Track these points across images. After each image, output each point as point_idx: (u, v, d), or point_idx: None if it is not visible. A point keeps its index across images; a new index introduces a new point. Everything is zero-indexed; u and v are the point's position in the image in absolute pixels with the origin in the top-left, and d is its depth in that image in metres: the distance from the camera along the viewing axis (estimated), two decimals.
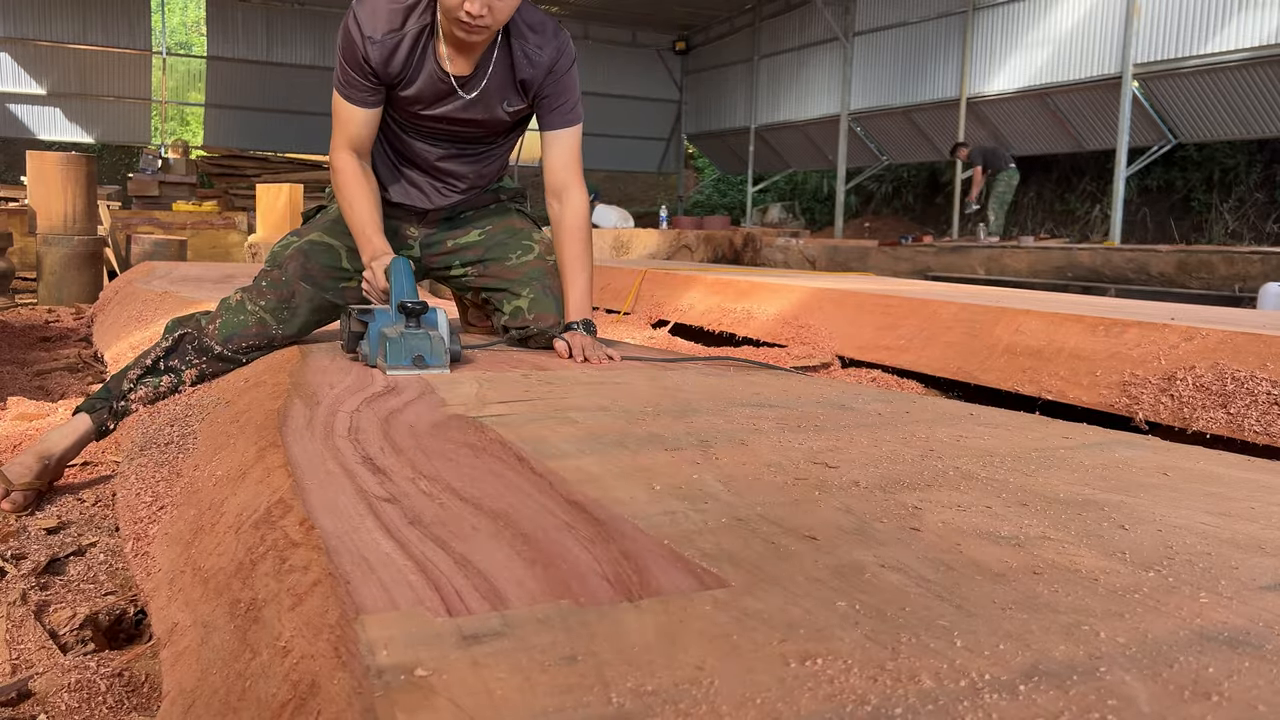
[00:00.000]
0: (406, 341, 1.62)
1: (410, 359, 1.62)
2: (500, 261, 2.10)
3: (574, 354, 1.88)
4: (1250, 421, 2.10)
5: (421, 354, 1.63)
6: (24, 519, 1.62)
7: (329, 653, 0.60)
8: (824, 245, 10.85)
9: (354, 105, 1.89)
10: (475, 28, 1.74)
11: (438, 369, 1.63)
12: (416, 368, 1.62)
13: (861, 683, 0.54)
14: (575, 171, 2.01)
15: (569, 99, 1.97)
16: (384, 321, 1.70)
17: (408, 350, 1.62)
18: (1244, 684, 0.55)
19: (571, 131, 1.99)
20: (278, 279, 1.94)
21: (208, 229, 9.12)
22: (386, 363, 1.62)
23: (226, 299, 1.96)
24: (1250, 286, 6.87)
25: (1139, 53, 10.34)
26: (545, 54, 1.91)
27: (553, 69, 1.92)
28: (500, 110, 1.97)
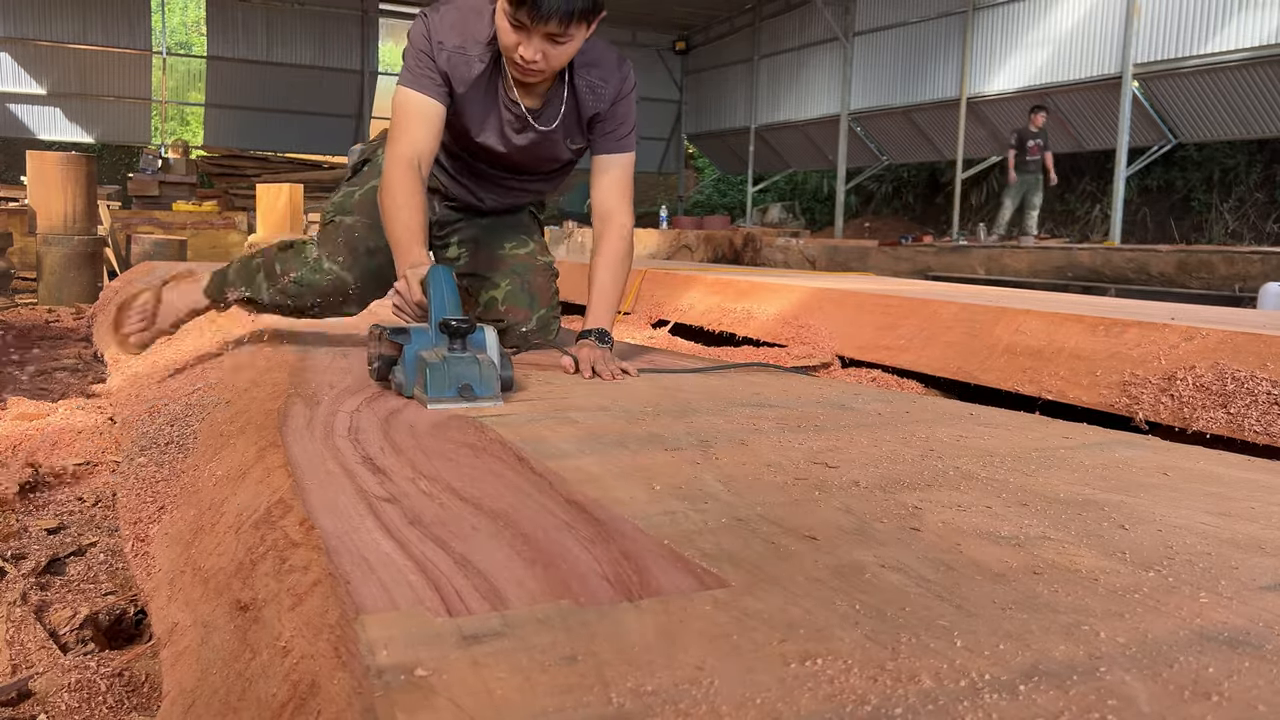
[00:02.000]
0: (451, 368, 1.36)
1: (456, 389, 1.36)
2: (490, 248, 2.08)
3: (580, 369, 1.73)
4: (1250, 421, 2.10)
5: (469, 383, 1.36)
6: (24, 519, 1.63)
7: (329, 653, 0.60)
8: (824, 245, 10.85)
9: (422, 94, 1.77)
10: (530, 71, 1.70)
11: (489, 401, 1.37)
12: (464, 399, 1.36)
13: (861, 683, 0.54)
14: (625, 197, 1.93)
15: (625, 126, 1.91)
16: (422, 343, 1.44)
17: (452, 378, 1.36)
18: (1244, 684, 0.55)
19: (625, 159, 1.93)
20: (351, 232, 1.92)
21: (208, 229, 9.12)
22: (427, 394, 1.35)
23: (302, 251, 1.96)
24: (1250, 286, 6.86)
25: (1139, 53, 10.34)
26: (610, 87, 1.86)
27: (616, 101, 1.88)
28: (564, 147, 1.93)
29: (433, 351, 1.40)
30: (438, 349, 1.41)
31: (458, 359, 1.38)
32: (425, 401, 1.35)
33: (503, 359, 1.47)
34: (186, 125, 17.98)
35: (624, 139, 1.92)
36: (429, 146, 1.78)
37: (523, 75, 1.72)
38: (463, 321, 1.38)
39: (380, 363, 1.50)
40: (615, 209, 1.91)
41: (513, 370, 1.50)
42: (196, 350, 2.26)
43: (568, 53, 1.69)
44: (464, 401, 1.35)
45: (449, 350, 1.39)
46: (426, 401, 1.35)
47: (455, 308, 1.48)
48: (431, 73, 1.76)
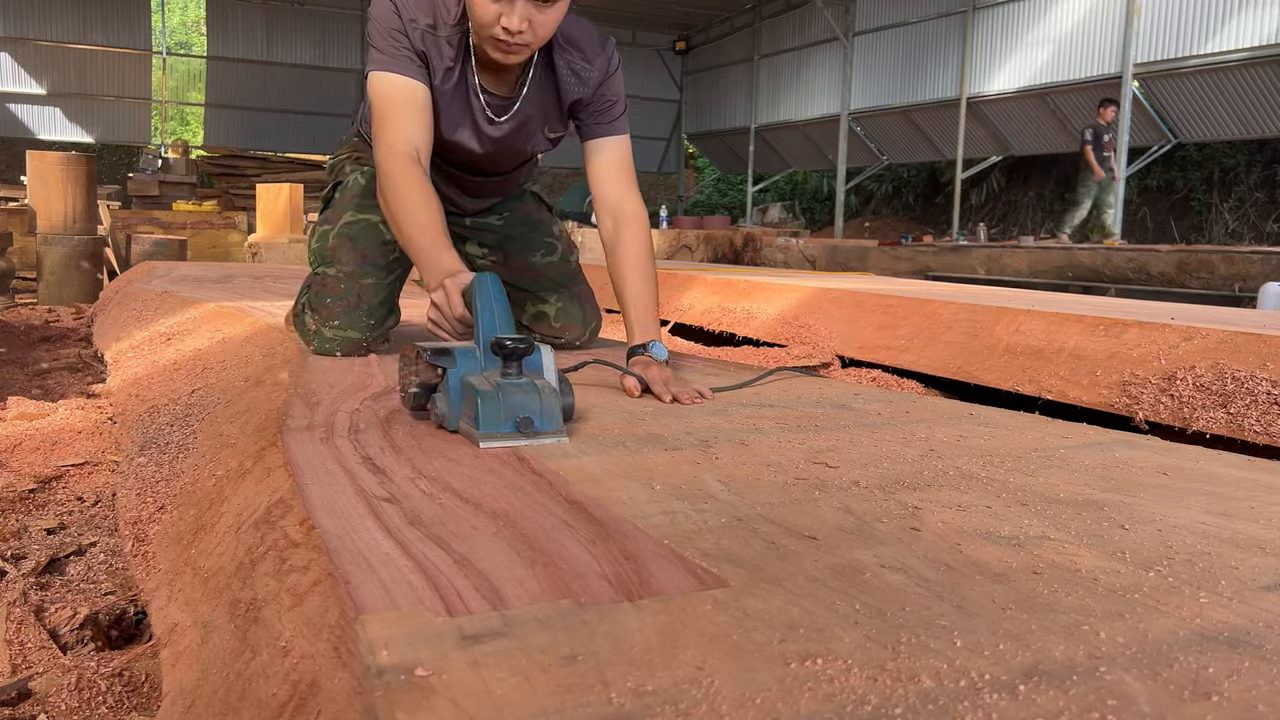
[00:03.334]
0: (506, 398, 1.13)
1: (513, 423, 1.13)
2: (522, 257, 2.00)
3: (655, 392, 1.46)
4: (1250, 421, 2.10)
5: (529, 415, 1.13)
6: (24, 519, 1.63)
7: (329, 653, 0.60)
8: (824, 245, 10.85)
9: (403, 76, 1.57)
10: (513, 46, 1.51)
11: (551, 437, 1.14)
12: (523, 436, 1.12)
13: (861, 683, 0.54)
14: (631, 184, 1.74)
15: (617, 105, 1.74)
16: (468, 366, 1.21)
17: (509, 410, 1.13)
18: (1244, 684, 0.55)
19: (620, 141, 1.75)
20: (336, 286, 1.78)
21: (208, 229, 9.12)
22: (478, 429, 1.12)
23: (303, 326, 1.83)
24: (1250, 286, 6.87)
25: (1139, 53, 10.35)
26: (595, 70, 1.69)
27: (601, 84, 1.71)
28: (541, 137, 1.77)
29: (483, 377, 1.17)
30: (488, 374, 1.18)
31: (514, 386, 1.14)
32: (476, 439, 1.11)
33: (562, 383, 1.24)
34: (186, 125, 17.99)
35: (617, 120, 1.74)
36: (424, 136, 1.59)
37: (505, 54, 1.54)
38: (519, 341, 1.14)
39: (417, 389, 1.25)
40: (623, 197, 1.72)
41: (574, 396, 1.25)
42: (196, 350, 2.26)
43: (554, 20, 1.52)
44: (523, 438, 1.12)
45: (503, 376, 1.15)
46: (478, 439, 1.11)
47: (507, 323, 1.26)
48: (409, 52, 1.58)
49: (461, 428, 1.18)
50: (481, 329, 1.25)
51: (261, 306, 2.68)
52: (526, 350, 1.15)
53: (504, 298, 1.29)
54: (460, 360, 1.21)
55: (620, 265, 1.68)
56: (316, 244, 1.85)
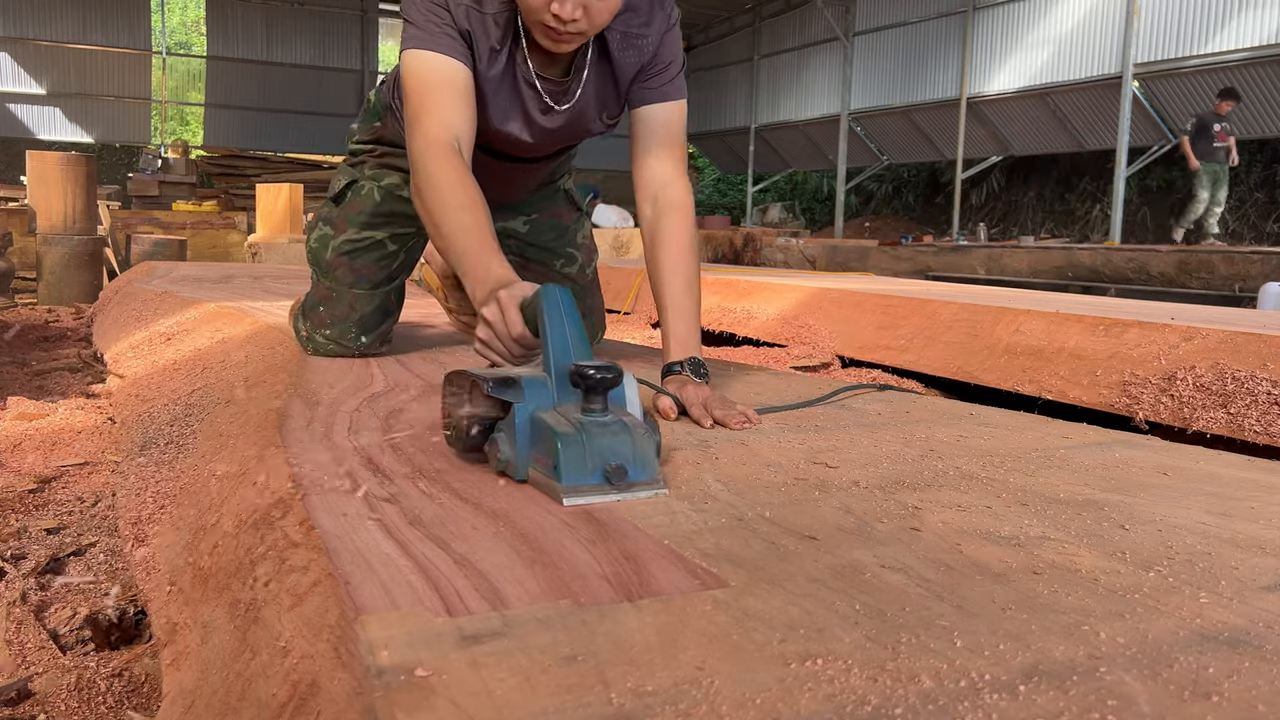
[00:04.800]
0: (593, 441, 0.90)
1: (602, 472, 0.90)
2: (543, 264, 1.93)
3: (694, 417, 1.28)
4: (1250, 421, 2.10)
5: (622, 463, 0.91)
6: (24, 519, 1.63)
7: (329, 653, 0.60)
8: (824, 245, 10.85)
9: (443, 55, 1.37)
10: (565, 34, 1.34)
11: (648, 490, 0.92)
12: (615, 489, 0.90)
13: (861, 683, 0.54)
14: (681, 165, 1.50)
15: (673, 65, 1.48)
16: (539, 399, 0.97)
17: (597, 456, 0.90)
18: (1244, 684, 0.55)
19: (675, 109, 1.49)
20: (329, 296, 1.76)
21: (208, 229, 9.12)
22: (560, 480, 0.89)
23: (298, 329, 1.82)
24: (1250, 286, 6.87)
25: (1139, 53, 10.35)
26: (652, 31, 1.46)
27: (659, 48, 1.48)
28: (598, 122, 1.57)
29: (559, 414, 0.94)
30: (565, 409, 0.95)
31: (600, 426, 0.92)
32: (558, 494, 0.89)
33: (646, 418, 1.01)
34: (186, 125, 18.00)
35: (671, 82, 1.49)
36: (466, 123, 1.37)
37: (555, 41, 1.36)
38: (604, 369, 0.92)
39: (473, 427, 1.00)
40: (668, 180, 1.48)
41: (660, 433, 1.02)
42: (196, 350, 2.26)
43: (611, 7, 1.34)
44: (615, 493, 0.90)
45: (583, 412, 0.93)
46: (559, 493, 0.89)
47: (583, 345, 1.02)
48: (450, 29, 1.38)
49: (533, 478, 0.95)
50: (552, 352, 1.01)
51: (261, 306, 2.68)
52: (614, 381, 0.93)
53: (577, 314, 1.05)
54: (529, 392, 0.97)
55: (658, 266, 1.45)
56: (315, 244, 1.81)
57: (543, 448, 0.93)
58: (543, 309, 1.05)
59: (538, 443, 0.94)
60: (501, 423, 0.99)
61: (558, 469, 0.89)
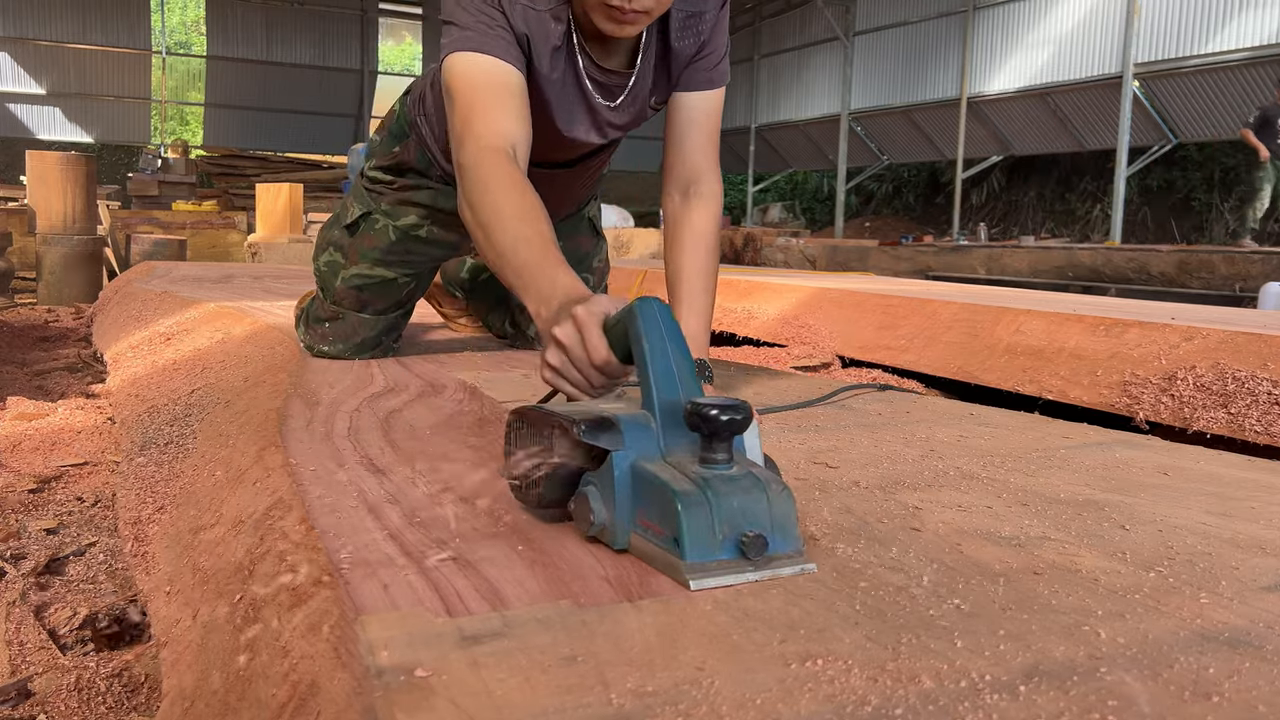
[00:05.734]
0: (723, 502, 0.70)
1: (734, 543, 0.70)
2: None
3: None
4: (1251, 421, 2.10)
5: (760, 531, 0.70)
6: (24, 519, 1.62)
7: (329, 653, 0.60)
8: (824, 245, 10.85)
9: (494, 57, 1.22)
10: (630, 14, 1.21)
11: (793, 565, 0.72)
12: (751, 565, 0.70)
13: (862, 683, 0.54)
14: (715, 157, 1.42)
15: (719, 50, 1.39)
16: (642, 445, 0.77)
17: (728, 521, 0.70)
18: (1244, 684, 0.55)
19: (715, 97, 1.41)
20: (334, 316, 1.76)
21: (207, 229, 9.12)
22: (684, 556, 0.69)
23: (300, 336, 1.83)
24: (1251, 286, 6.87)
25: (1139, 52, 10.35)
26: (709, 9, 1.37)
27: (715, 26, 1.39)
28: (647, 108, 1.46)
29: (671, 466, 0.74)
30: (677, 459, 0.75)
31: (728, 482, 0.71)
32: (682, 573, 0.69)
33: (769, 462, 0.82)
34: (186, 125, 18.00)
35: (716, 68, 1.40)
36: (523, 131, 1.22)
37: (619, 24, 1.23)
38: (732, 409, 0.71)
39: (548, 475, 0.81)
40: (705, 173, 1.40)
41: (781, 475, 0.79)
42: (196, 350, 2.26)
43: None
44: (752, 570, 0.70)
45: (703, 463, 0.73)
46: (684, 572, 0.68)
47: (693, 376, 0.82)
48: (504, 30, 1.24)
49: (637, 546, 0.75)
50: (655, 385, 0.80)
51: (261, 306, 2.68)
52: (743, 424, 0.72)
53: (681, 335, 0.84)
54: (630, 437, 0.76)
55: (679, 257, 1.37)
56: (324, 269, 1.76)
57: (654, 510, 0.72)
58: (640, 329, 0.83)
59: (645, 502, 0.74)
60: (592, 474, 0.78)
61: (680, 541, 0.69)
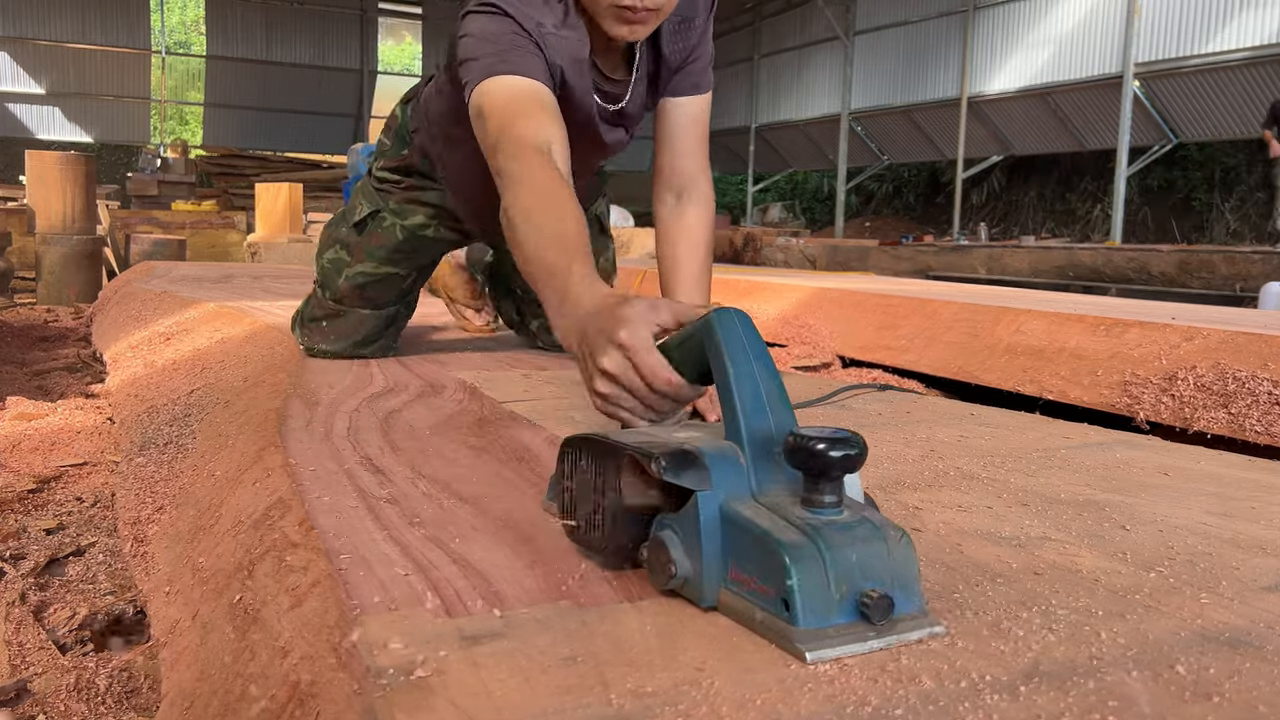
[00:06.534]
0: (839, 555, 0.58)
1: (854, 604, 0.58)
2: None
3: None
4: (1251, 421, 2.10)
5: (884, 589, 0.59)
6: (23, 519, 1.62)
7: (329, 653, 0.60)
8: (824, 245, 10.85)
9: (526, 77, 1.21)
10: (642, 13, 1.22)
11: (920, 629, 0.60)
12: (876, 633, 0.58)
13: (862, 683, 0.54)
14: (705, 160, 1.45)
15: (705, 56, 1.42)
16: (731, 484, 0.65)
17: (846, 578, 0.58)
18: (1245, 684, 0.55)
19: (703, 102, 1.43)
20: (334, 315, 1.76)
21: (207, 228, 9.12)
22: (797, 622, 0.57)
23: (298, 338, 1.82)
24: (1251, 286, 6.87)
25: (1140, 52, 10.35)
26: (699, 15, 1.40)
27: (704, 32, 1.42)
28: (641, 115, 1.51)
29: (769, 512, 0.62)
30: (773, 499, 0.64)
31: (845, 532, 0.60)
32: (794, 642, 0.57)
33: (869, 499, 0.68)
34: (185, 125, 18.00)
35: (703, 74, 1.43)
36: (559, 132, 1.17)
37: (630, 29, 1.24)
38: (843, 443, 0.60)
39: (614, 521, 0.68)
40: (696, 176, 1.42)
41: None
42: (195, 350, 2.26)
43: None
44: (876, 638, 0.58)
45: (807, 505, 0.62)
46: (798, 642, 0.57)
47: (785, 403, 0.70)
48: (535, 55, 1.24)
49: (727, 603, 0.63)
50: (742, 411, 0.68)
51: (261, 306, 2.68)
52: (857, 459, 0.61)
53: (766, 351, 0.73)
54: (718, 473, 0.65)
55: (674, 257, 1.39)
56: (328, 266, 1.75)
57: (752, 564, 0.61)
58: (721, 346, 0.71)
59: (740, 554, 0.62)
60: (671, 518, 0.66)
61: (791, 604, 0.57)
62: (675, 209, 1.42)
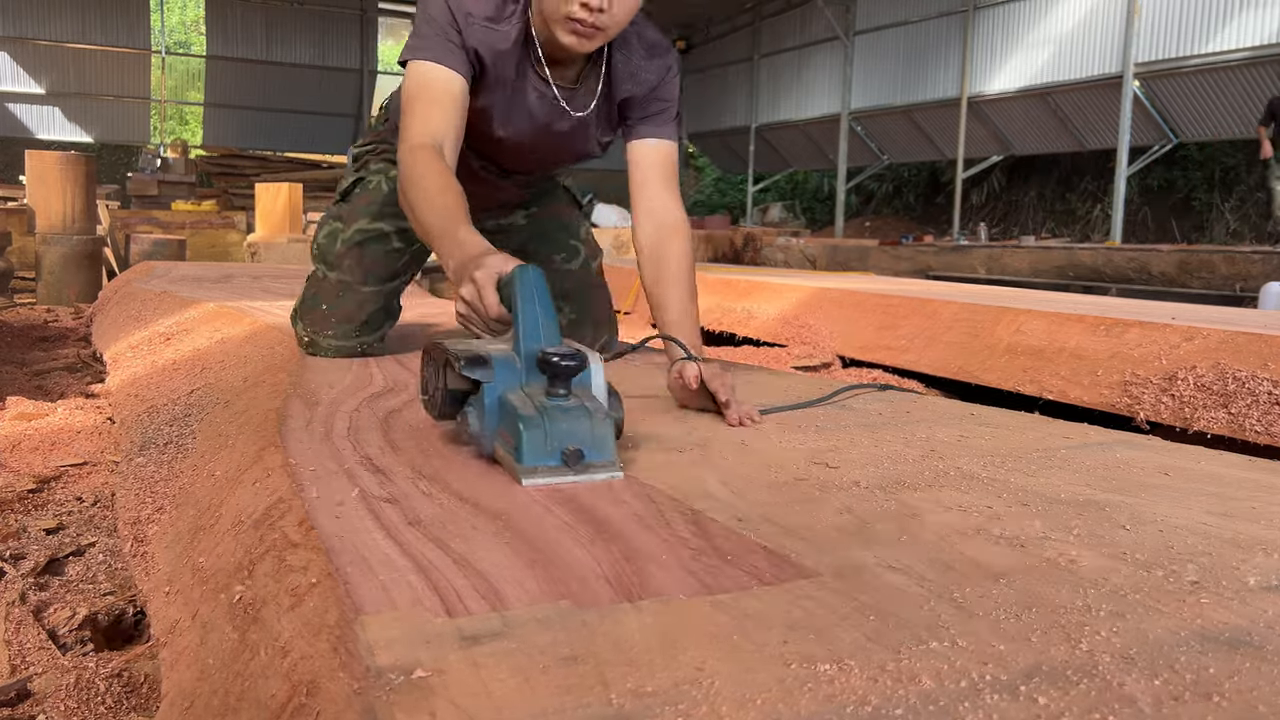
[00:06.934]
0: (554, 424, 0.95)
1: (558, 455, 0.94)
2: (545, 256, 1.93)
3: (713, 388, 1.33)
4: (1251, 421, 2.10)
5: (580, 446, 0.95)
6: (23, 519, 1.62)
7: (329, 653, 0.60)
8: (824, 245, 10.85)
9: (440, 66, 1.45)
10: (589, 29, 1.40)
11: (604, 473, 0.96)
12: (572, 471, 0.94)
13: (862, 683, 0.54)
14: (677, 194, 1.62)
15: (671, 107, 1.65)
16: (507, 381, 1.01)
17: (556, 439, 0.94)
18: (1244, 684, 0.55)
19: (670, 146, 1.65)
20: (334, 295, 1.78)
21: (207, 228, 9.12)
22: (520, 461, 0.94)
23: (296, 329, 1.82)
24: (1251, 286, 6.87)
25: (1140, 52, 10.35)
26: (653, 71, 1.61)
27: (655, 90, 1.63)
28: (594, 141, 1.69)
29: (525, 396, 0.99)
30: (531, 390, 0.99)
31: (563, 410, 0.95)
32: (518, 474, 0.94)
33: (611, 397, 1.07)
34: (185, 125, 18.00)
35: (670, 122, 1.64)
36: (452, 131, 1.44)
37: (579, 38, 1.42)
38: (568, 358, 0.96)
39: (442, 398, 1.07)
40: (668, 205, 1.60)
41: (623, 411, 1.10)
42: (195, 350, 2.26)
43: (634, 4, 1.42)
44: (571, 474, 0.94)
45: (548, 395, 0.97)
46: (519, 474, 0.93)
47: (553, 329, 1.05)
48: (454, 41, 1.46)
49: (498, 454, 1.00)
50: (523, 335, 1.03)
51: (261, 306, 2.68)
52: (577, 368, 0.96)
53: (548, 296, 1.07)
54: (499, 373, 1.00)
55: (663, 279, 1.56)
56: (324, 239, 1.81)
57: (508, 427, 0.98)
58: (516, 291, 1.06)
59: (504, 421, 0.99)
60: (473, 398, 1.03)
61: (519, 450, 0.94)
62: (657, 238, 1.58)
